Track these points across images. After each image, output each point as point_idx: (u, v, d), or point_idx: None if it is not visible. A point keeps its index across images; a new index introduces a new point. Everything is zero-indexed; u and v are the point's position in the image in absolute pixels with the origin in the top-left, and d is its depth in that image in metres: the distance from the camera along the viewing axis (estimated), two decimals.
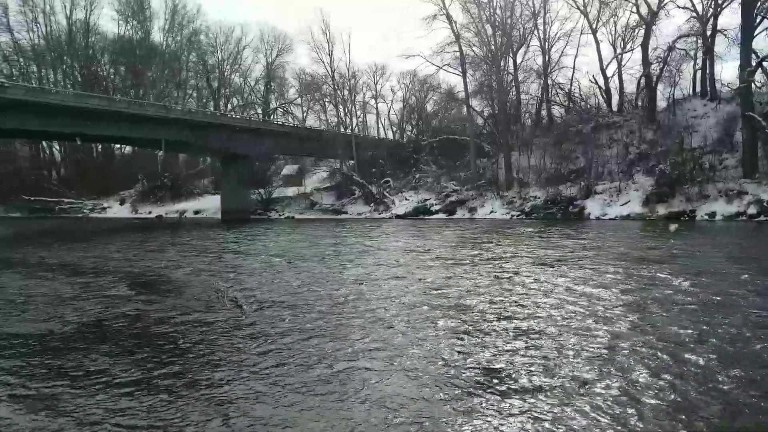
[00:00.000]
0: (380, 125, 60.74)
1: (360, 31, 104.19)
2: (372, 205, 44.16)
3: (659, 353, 6.23)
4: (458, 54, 44.14)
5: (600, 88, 45.25)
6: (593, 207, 34.11)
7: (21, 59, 65.45)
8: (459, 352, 6.48)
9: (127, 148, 63.17)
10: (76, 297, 10.59)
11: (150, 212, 52.62)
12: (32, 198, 56.26)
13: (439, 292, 10.20)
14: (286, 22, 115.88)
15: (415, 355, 6.43)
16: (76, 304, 9.90)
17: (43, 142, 62.80)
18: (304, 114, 65.55)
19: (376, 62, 63.09)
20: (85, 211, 55.57)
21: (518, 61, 45.55)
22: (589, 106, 45.76)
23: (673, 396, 5.07)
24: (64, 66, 65.97)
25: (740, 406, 4.86)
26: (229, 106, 67.39)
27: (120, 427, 4.67)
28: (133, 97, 55.24)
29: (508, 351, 6.47)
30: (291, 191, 52.03)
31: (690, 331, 7.13)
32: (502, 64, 44.43)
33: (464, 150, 44.99)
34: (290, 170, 58.44)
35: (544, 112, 47.27)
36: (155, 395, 5.33)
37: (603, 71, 44.25)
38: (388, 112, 60.56)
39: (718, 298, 9.00)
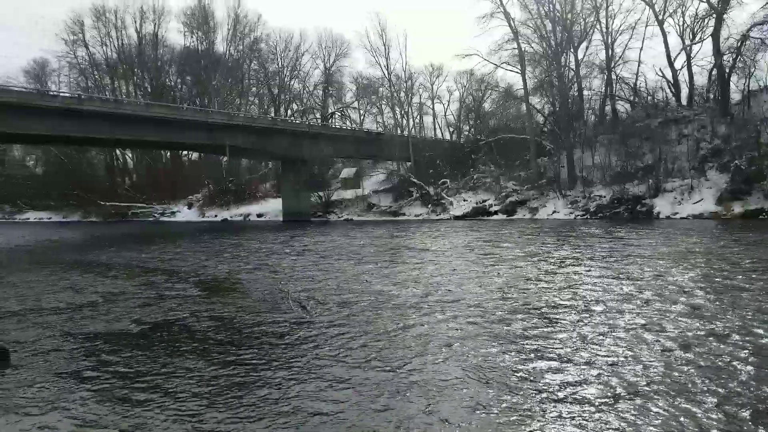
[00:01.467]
0: (437, 126, 60.56)
1: (416, 33, 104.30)
2: (429, 206, 44.01)
3: None
4: (516, 51, 43.47)
5: (668, 81, 43.35)
6: (663, 206, 32.72)
7: (96, 72, 69.36)
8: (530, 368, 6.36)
9: (194, 154, 65.64)
10: (149, 297, 11.09)
11: (216, 215, 54.47)
12: (108, 203, 59.46)
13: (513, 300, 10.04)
14: (343, 25, 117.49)
15: (480, 359, 6.36)
16: (150, 304, 10.36)
17: (117, 150, 66.19)
18: (362, 117, 66.30)
19: (432, 63, 62.69)
20: (155, 215, 58.15)
21: (579, 56, 44.22)
22: (656, 100, 43.89)
23: None
24: (135, 78, 69.38)
25: None
26: (289, 112, 68.92)
27: (194, 424, 4.85)
28: (199, 106, 57.35)
29: None
30: (349, 194, 52.58)
31: None
32: (562, 59, 43.31)
33: (524, 149, 44.16)
34: (348, 173, 59.08)
35: (607, 108, 45.70)
36: (226, 395, 5.51)
37: (671, 64, 42.36)
38: (445, 113, 60.28)
39: None
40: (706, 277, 11.29)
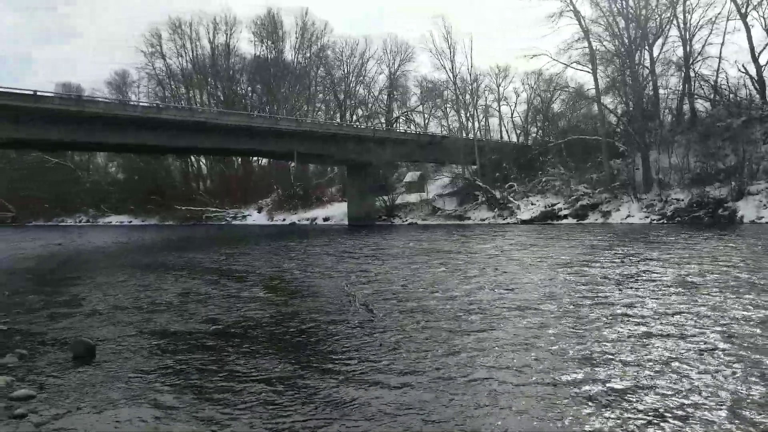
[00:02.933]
0: (503, 128, 59.40)
1: (482, 34, 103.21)
2: (496, 210, 43.33)
3: None
4: (587, 50, 42.29)
5: (751, 78, 40.68)
6: (747, 209, 30.79)
7: (172, 82, 72.82)
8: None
9: (264, 160, 67.59)
10: (222, 297, 11.48)
11: (284, 219, 55.86)
12: (183, 208, 62.19)
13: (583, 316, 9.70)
14: (407, 27, 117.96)
15: (547, 365, 6.17)
16: (223, 304, 10.72)
17: (192, 157, 69.14)
18: (426, 121, 66.13)
19: (498, 64, 61.48)
20: (228, 218, 60.28)
21: (655, 53, 42.33)
22: (738, 98, 41.32)
23: None
24: (209, 87, 72.31)
25: None
26: (355, 117, 69.75)
27: (261, 422, 4.94)
28: (268, 113, 59.02)
29: None
30: (413, 197, 52.54)
31: None
32: (636, 57, 41.66)
33: (595, 150, 42.76)
34: (412, 177, 59.03)
35: (685, 107, 43.51)
36: (294, 395, 5.58)
37: (755, 59, 39.77)
38: (512, 115, 59.04)
39: None
40: None
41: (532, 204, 41.95)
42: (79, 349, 7.22)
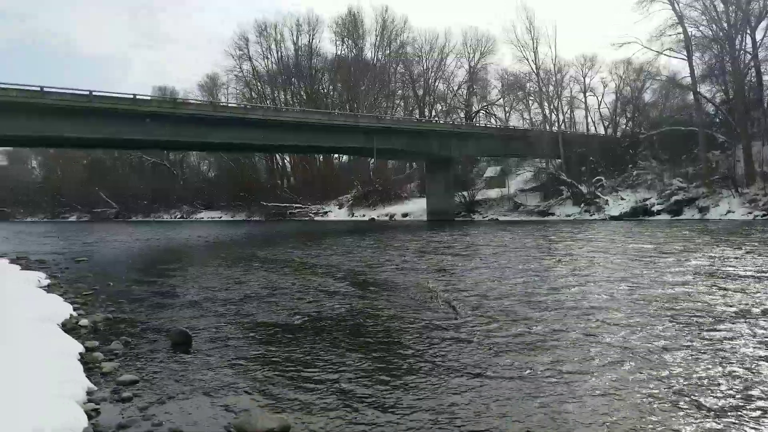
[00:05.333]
0: (590, 120, 57.16)
1: (566, 23, 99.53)
2: (582, 205, 41.84)
3: None
4: (681, 36, 39.89)
5: None
6: None
7: (258, 83, 75.63)
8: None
9: (344, 157, 68.84)
10: (307, 291, 11.80)
11: (364, 215, 56.64)
12: (269, 204, 64.60)
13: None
14: (488, 18, 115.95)
15: (635, 368, 5.86)
16: (307, 298, 11.01)
17: (277, 155, 71.58)
18: (507, 114, 64.86)
19: (584, 54, 59.13)
20: (310, 214, 61.99)
21: (758, 37, 39.18)
22: None
23: None
24: (292, 87, 74.47)
25: None
26: (434, 113, 69.48)
27: (339, 416, 5.02)
28: (348, 111, 59.96)
29: None
30: (494, 193, 51.71)
31: None
32: (737, 42, 38.77)
33: (691, 142, 40.27)
34: (493, 172, 58.10)
35: None
36: (373, 391, 5.63)
37: None
38: (599, 106, 56.62)
39: None
40: None
41: (621, 199, 40.16)
42: (178, 338, 7.66)
